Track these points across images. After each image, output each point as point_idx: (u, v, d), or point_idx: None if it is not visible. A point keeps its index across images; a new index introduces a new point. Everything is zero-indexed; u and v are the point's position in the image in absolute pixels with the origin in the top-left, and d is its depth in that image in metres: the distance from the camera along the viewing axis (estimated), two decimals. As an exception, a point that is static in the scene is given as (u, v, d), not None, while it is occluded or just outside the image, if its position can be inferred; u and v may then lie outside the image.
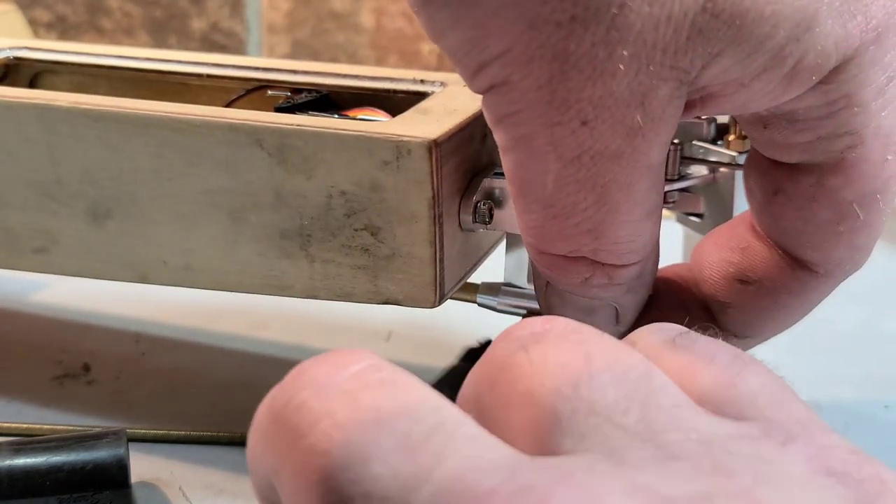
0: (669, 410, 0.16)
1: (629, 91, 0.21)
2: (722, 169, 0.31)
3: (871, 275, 0.46)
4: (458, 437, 0.15)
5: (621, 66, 0.21)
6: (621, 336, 0.28)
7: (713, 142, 0.31)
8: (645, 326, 0.19)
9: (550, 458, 0.15)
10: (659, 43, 0.21)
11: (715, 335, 0.19)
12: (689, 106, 0.23)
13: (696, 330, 0.19)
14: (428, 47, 0.72)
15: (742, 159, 0.30)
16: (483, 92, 0.23)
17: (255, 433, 0.17)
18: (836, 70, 0.22)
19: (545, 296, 0.27)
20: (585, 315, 0.26)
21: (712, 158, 0.31)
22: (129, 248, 0.31)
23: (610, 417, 0.15)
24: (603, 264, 0.24)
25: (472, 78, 0.22)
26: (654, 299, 0.27)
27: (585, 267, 0.24)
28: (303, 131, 0.28)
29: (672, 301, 0.28)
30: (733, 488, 0.14)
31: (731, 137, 0.30)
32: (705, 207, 0.32)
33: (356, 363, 0.16)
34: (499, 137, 0.23)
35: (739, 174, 0.31)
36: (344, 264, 0.28)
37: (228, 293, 0.29)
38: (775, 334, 0.28)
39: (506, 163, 0.24)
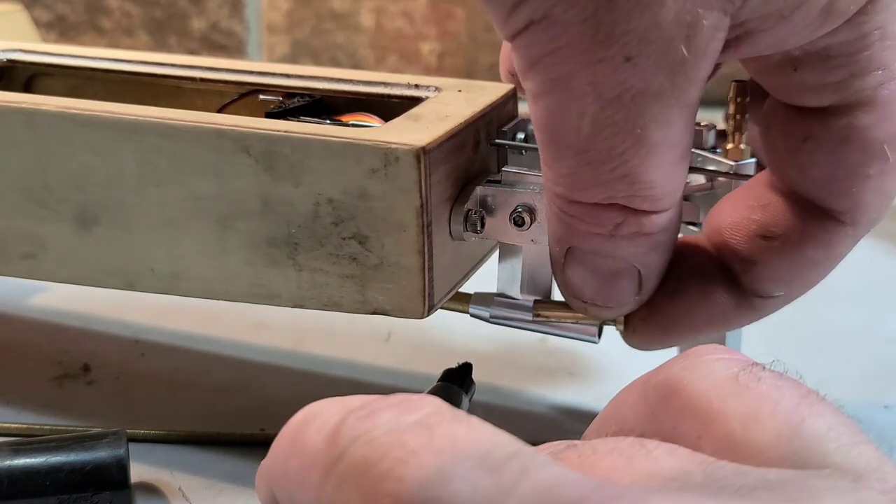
0: (729, 467, 0.16)
1: (676, 21, 0.21)
2: (720, 178, 0.30)
3: (871, 275, 0.46)
4: (539, 459, 0.15)
5: None
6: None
7: (711, 150, 0.31)
8: (705, 348, 0.19)
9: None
10: None
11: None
12: (727, 45, 0.22)
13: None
14: (428, 47, 0.72)
15: (742, 168, 0.30)
16: (518, 32, 0.22)
17: (303, 469, 0.17)
18: (872, 1, 0.22)
19: (563, 267, 0.26)
20: (609, 282, 0.26)
21: (710, 167, 0.30)
22: (117, 255, 0.30)
23: (675, 477, 0.16)
24: (635, 210, 0.24)
25: (510, 15, 0.22)
26: (671, 267, 0.27)
27: (617, 213, 0.24)
28: (290, 138, 0.27)
29: (690, 267, 0.27)
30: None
31: (730, 146, 0.30)
32: (703, 217, 0.32)
33: (424, 407, 0.16)
34: (531, 83, 0.23)
35: (737, 184, 0.30)
36: (332, 273, 0.28)
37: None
38: (802, 292, 0.27)
39: (536, 110, 0.23)
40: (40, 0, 0.78)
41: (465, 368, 0.30)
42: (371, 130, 0.28)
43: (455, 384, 0.30)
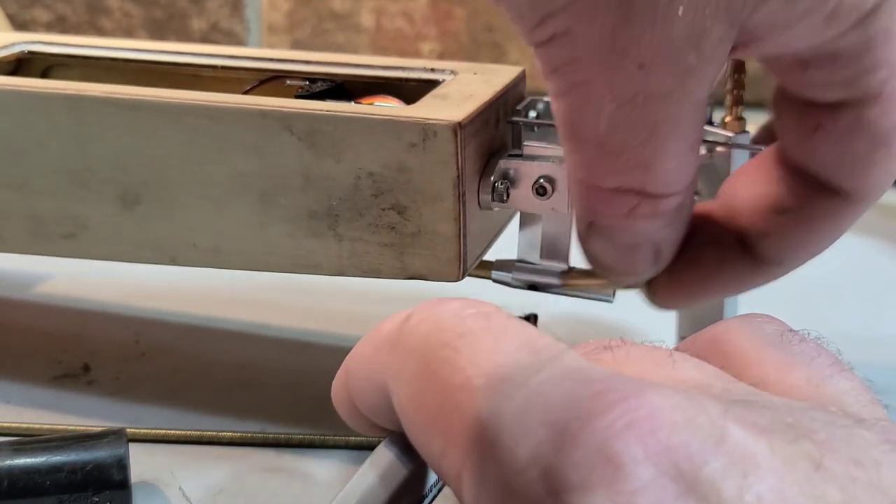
0: (748, 388, 0.18)
1: (685, 35, 0.22)
2: (718, 148, 0.33)
3: (872, 275, 0.47)
4: (573, 353, 0.17)
5: (680, 12, 0.22)
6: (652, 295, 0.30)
7: (709, 122, 0.33)
8: (757, 314, 0.21)
9: None
10: None
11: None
12: (734, 48, 0.24)
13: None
14: (428, 47, 0.73)
15: (738, 139, 0.32)
16: (542, 43, 0.24)
17: (376, 348, 0.20)
18: (875, 7, 0.23)
19: (586, 238, 0.28)
20: (628, 253, 0.28)
21: (709, 139, 0.33)
22: (159, 232, 0.32)
23: (696, 386, 0.18)
24: (649, 194, 0.26)
25: (533, 30, 0.23)
26: (689, 236, 0.29)
27: (633, 197, 0.26)
28: (332, 116, 0.29)
29: (706, 237, 0.29)
30: (810, 435, 0.15)
31: (728, 118, 0.32)
32: (702, 186, 0.34)
33: (486, 305, 0.19)
34: (553, 84, 0.25)
35: (735, 153, 0.33)
36: (371, 242, 0.30)
37: (229, 291, 0.30)
38: (810, 258, 0.30)
39: (558, 107, 0.25)
40: (40, 0, 0.78)
41: (531, 318, 0.32)
42: (407, 108, 0.30)
43: None
